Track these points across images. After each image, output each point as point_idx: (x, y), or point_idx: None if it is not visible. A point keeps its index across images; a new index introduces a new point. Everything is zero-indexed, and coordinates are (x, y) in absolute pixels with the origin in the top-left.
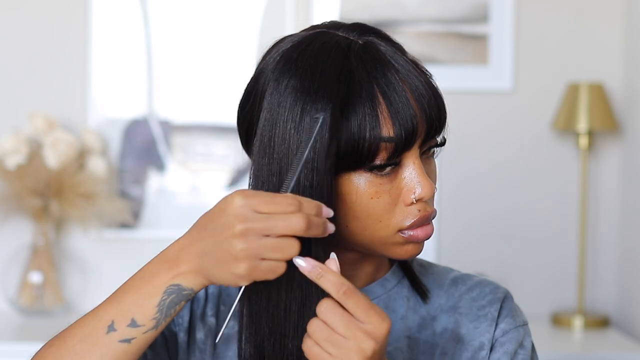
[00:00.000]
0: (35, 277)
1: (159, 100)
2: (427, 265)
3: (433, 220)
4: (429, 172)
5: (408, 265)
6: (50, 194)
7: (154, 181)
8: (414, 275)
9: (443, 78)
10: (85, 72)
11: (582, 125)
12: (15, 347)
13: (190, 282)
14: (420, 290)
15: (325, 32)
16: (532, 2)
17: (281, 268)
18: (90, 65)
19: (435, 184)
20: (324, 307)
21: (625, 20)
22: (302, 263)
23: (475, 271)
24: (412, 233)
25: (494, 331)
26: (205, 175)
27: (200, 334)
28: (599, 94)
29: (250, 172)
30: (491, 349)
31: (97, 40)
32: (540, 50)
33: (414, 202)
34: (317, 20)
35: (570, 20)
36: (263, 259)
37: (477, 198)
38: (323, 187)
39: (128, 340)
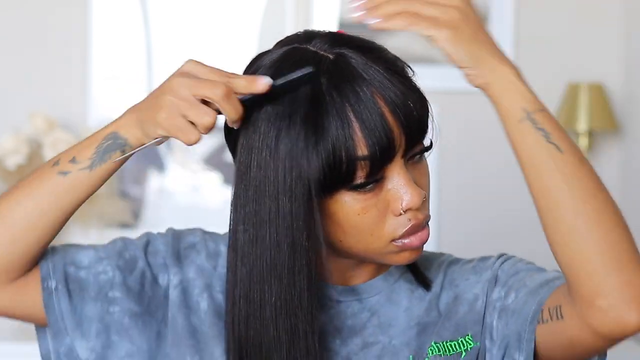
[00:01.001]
0: None
1: None
2: (427, 255)
3: (430, 222)
4: (418, 178)
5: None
6: None
7: (154, 181)
8: (416, 268)
9: (443, 78)
10: (85, 72)
11: (582, 125)
12: (15, 347)
13: (127, 132)
14: (424, 283)
15: (297, 48)
16: (532, 2)
17: (191, 133)
18: (90, 65)
19: (427, 186)
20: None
21: (625, 20)
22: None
23: None
24: (406, 241)
25: (487, 277)
26: (205, 175)
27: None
28: (599, 94)
29: (231, 199)
30: (495, 284)
31: (97, 40)
32: (540, 50)
33: (403, 212)
34: (316, 21)
35: (570, 20)
36: (183, 115)
37: (477, 198)
38: (300, 212)
39: (64, 173)
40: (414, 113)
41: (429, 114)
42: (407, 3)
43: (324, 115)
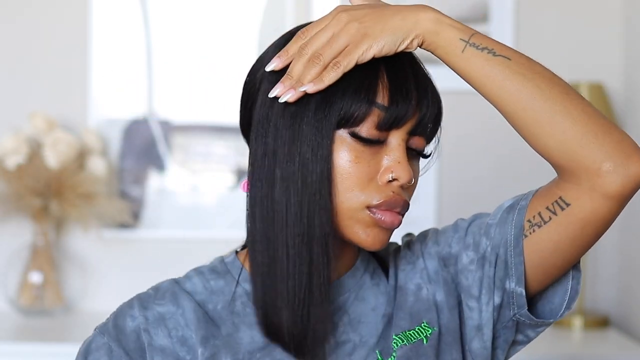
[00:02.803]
0: (35, 277)
1: (159, 100)
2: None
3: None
4: (412, 168)
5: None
6: (50, 194)
7: (154, 181)
8: (378, 256)
9: (443, 78)
10: (85, 72)
11: None
12: (15, 347)
13: None
14: (385, 269)
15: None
16: (532, 2)
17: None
18: (90, 65)
19: (414, 187)
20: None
21: (625, 20)
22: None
23: None
24: (378, 215)
25: (420, 265)
26: (205, 175)
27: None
28: (599, 94)
29: (249, 155)
30: (424, 263)
31: (97, 40)
32: (540, 50)
33: (390, 181)
34: None
35: (570, 20)
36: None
37: (477, 198)
38: (320, 139)
39: None
40: (434, 98)
41: (441, 119)
42: (307, 57)
43: (372, 64)
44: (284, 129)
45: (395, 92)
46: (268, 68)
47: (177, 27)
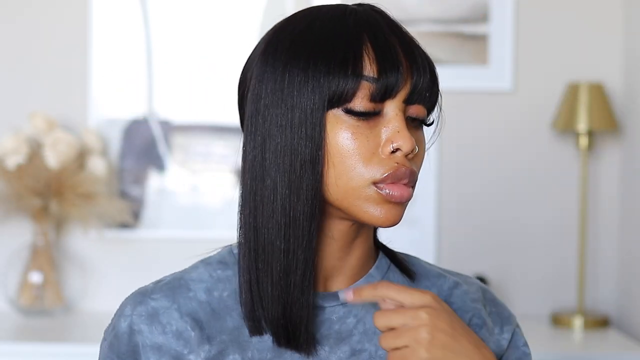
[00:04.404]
0: (35, 277)
1: (159, 100)
2: (416, 259)
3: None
4: (415, 138)
5: (391, 254)
6: (50, 194)
7: (154, 181)
8: (398, 261)
9: (443, 78)
10: (85, 72)
11: (582, 125)
12: (15, 347)
13: None
14: (408, 273)
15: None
16: (532, 2)
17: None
18: (90, 65)
19: (422, 157)
20: (377, 319)
21: (625, 21)
22: (347, 296)
23: (475, 270)
24: (387, 190)
25: (500, 336)
26: (205, 175)
27: None
28: (599, 94)
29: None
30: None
31: (97, 40)
32: (540, 50)
33: (393, 151)
34: None
35: (570, 21)
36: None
37: (477, 198)
38: (310, 122)
39: None
40: (424, 64)
41: (437, 84)
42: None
43: (342, 34)
44: (273, 119)
45: (383, 62)
46: (342, 297)
47: (177, 27)
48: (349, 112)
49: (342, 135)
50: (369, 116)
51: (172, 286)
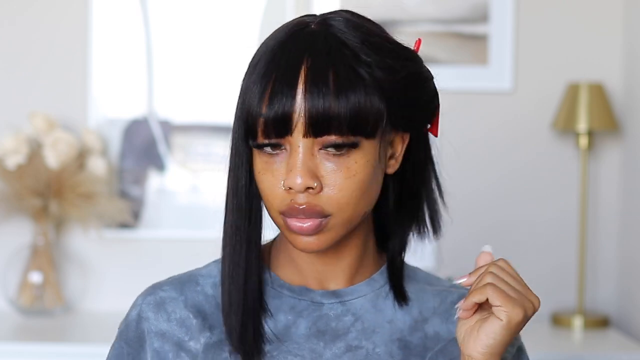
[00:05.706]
0: (35, 277)
1: (159, 100)
2: (415, 270)
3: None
4: (331, 170)
5: (396, 268)
6: (50, 194)
7: (154, 181)
8: (398, 279)
9: (443, 78)
10: (85, 72)
11: (582, 125)
12: (15, 347)
13: None
14: (400, 295)
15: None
16: (532, 2)
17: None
18: (90, 65)
19: (339, 184)
20: (503, 262)
21: (625, 21)
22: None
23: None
24: (287, 221)
25: None
26: (205, 175)
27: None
28: (599, 94)
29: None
30: None
31: (97, 40)
32: (540, 50)
33: (284, 188)
34: None
35: (570, 21)
36: None
37: (477, 198)
38: (237, 155)
39: None
40: (327, 103)
41: (361, 108)
42: (497, 280)
43: (271, 63)
44: (231, 143)
45: (272, 98)
46: (458, 281)
47: (177, 27)
48: (256, 147)
49: (255, 168)
50: (275, 150)
51: (182, 280)
